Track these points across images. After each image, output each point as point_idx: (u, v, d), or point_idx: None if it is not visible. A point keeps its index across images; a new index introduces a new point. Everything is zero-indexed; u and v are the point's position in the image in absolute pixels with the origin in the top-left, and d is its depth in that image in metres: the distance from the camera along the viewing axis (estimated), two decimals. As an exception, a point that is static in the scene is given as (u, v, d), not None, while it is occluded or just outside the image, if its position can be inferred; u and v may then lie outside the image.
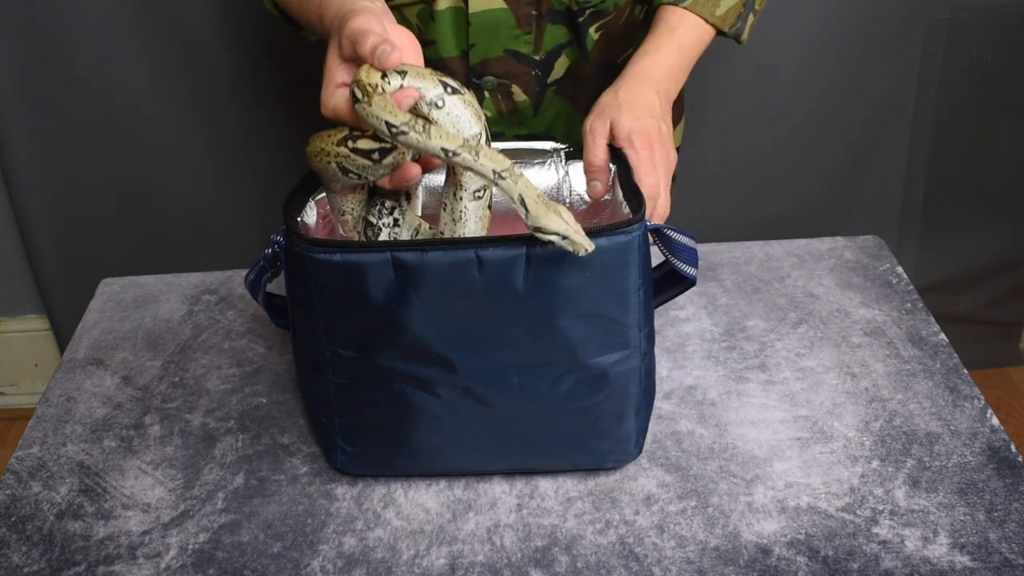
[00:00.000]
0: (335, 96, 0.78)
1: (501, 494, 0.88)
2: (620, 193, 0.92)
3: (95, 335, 1.11)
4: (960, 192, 1.95)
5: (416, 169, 0.80)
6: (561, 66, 1.10)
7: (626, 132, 0.92)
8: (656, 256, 0.88)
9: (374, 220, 0.83)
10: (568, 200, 0.96)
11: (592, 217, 0.96)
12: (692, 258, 0.87)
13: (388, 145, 0.76)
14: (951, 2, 1.73)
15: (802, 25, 1.73)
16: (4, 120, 1.74)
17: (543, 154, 0.95)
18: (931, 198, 1.95)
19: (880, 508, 0.84)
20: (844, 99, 1.80)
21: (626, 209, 0.87)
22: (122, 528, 0.86)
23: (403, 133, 0.73)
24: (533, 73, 1.09)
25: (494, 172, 0.74)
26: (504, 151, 0.94)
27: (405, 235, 0.85)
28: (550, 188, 0.95)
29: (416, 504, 0.87)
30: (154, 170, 1.83)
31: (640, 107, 0.94)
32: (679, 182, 1.84)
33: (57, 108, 1.75)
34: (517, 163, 0.94)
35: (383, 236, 0.84)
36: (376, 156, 0.76)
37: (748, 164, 1.86)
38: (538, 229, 0.72)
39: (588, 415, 0.83)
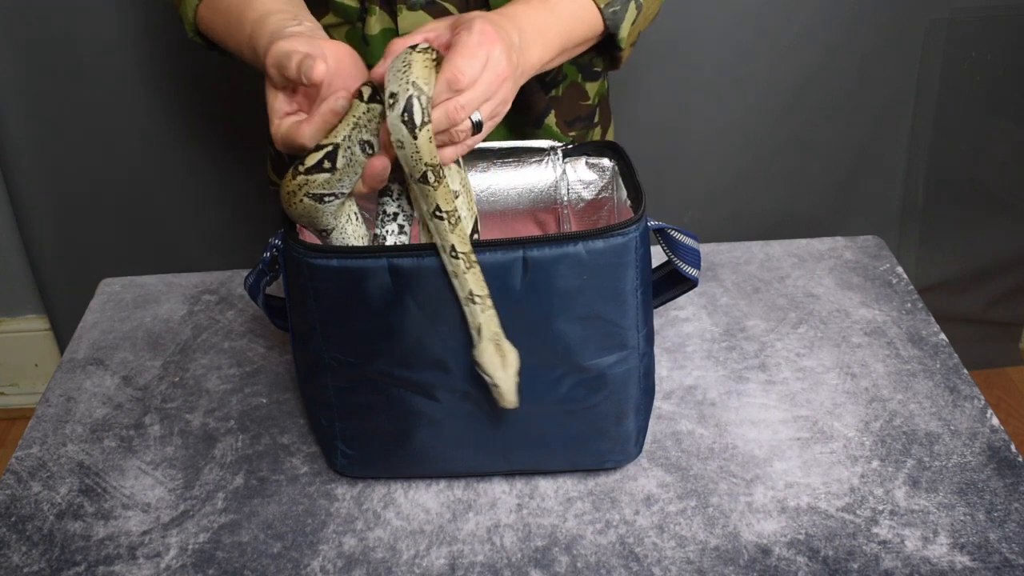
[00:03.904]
0: (283, 126, 0.76)
1: (501, 494, 0.88)
2: (621, 193, 0.91)
3: (95, 335, 1.11)
4: (960, 192, 1.95)
5: (382, 162, 0.76)
6: None
7: (471, 18, 0.77)
8: (658, 256, 0.88)
9: (378, 230, 0.83)
10: (566, 198, 0.96)
11: (592, 215, 0.96)
12: (694, 259, 0.87)
13: (330, 147, 0.75)
14: (951, 2, 1.73)
15: (802, 25, 1.73)
16: (4, 120, 1.74)
17: (540, 152, 0.95)
18: (931, 198, 1.95)
19: (880, 508, 0.84)
20: (844, 99, 1.80)
21: (629, 204, 0.87)
22: (122, 528, 0.86)
23: (440, 218, 0.74)
24: None
25: (470, 292, 0.75)
26: (503, 149, 0.94)
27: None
28: (547, 186, 0.95)
29: (416, 504, 0.87)
30: (154, 170, 1.83)
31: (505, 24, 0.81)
32: (678, 182, 1.85)
33: (57, 108, 1.75)
34: (515, 161, 0.95)
35: (389, 244, 0.81)
36: (327, 164, 0.75)
37: (748, 164, 1.86)
38: (477, 364, 0.76)
39: (587, 416, 0.83)
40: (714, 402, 0.97)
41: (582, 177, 0.95)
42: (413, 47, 0.72)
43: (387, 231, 0.82)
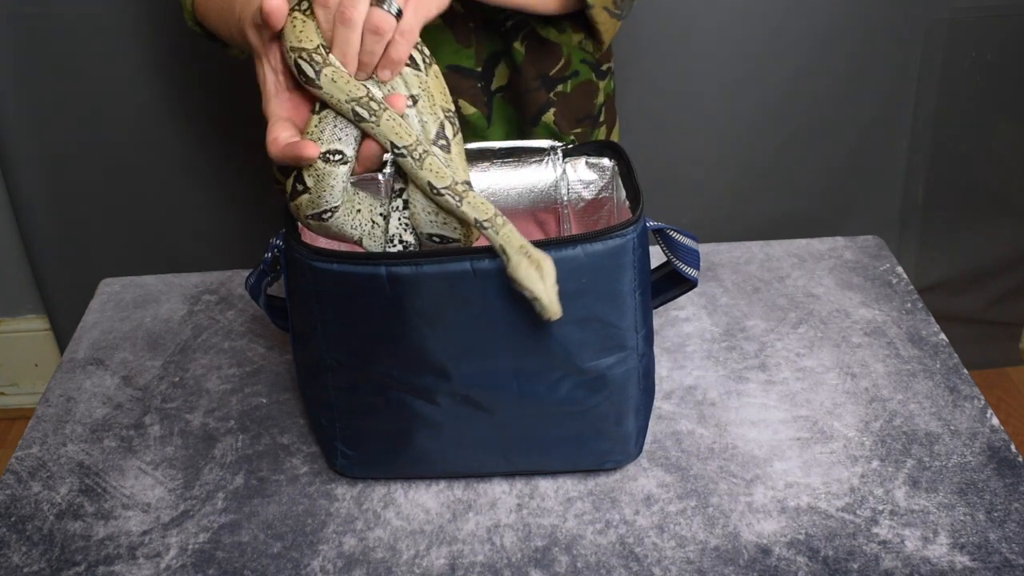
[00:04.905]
0: (268, 112, 0.75)
1: (501, 494, 0.88)
2: (621, 193, 0.92)
3: (95, 335, 1.11)
4: (960, 192, 1.95)
5: (373, 148, 0.76)
6: (502, 73, 1.08)
7: None
8: (658, 256, 0.88)
9: (386, 208, 0.82)
10: (566, 198, 0.96)
11: (592, 215, 0.96)
12: (694, 259, 0.87)
13: (294, 171, 0.75)
14: (951, 2, 1.73)
15: (802, 25, 1.73)
16: (4, 120, 1.74)
17: (540, 152, 0.95)
18: (931, 198, 1.95)
19: (880, 508, 0.84)
20: (844, 99, 1.80)
21: (628, 205, 0.87)
22: (122, 528, 0.86)
23: (402, 156, 0.73)
24: (478, 85, 1.08)
25: (476, 221, 0.73)
26: (503, 149, 0.94)
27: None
28: (547, 186, 0.95)
29: (416, 504, 0.87)
30: (154, 170, 1.83)
31: None
32: (678, 183, 1.85)
33: (57, 108, 1.75)
34: (515, 161, 0.95)
35: (392, 222, 0.80)
36: (300, 187, 0.75)
37: (748, 164, 1.86)
38: (513, 280, 0.72)
39: (587, 417, 0.83)
40: (714, 402, 0.97)
41: (582, 177, 0.95)
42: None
43: (393, 207, 0.81)
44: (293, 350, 0.89)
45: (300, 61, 0.72)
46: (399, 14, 0.73)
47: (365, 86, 0.73)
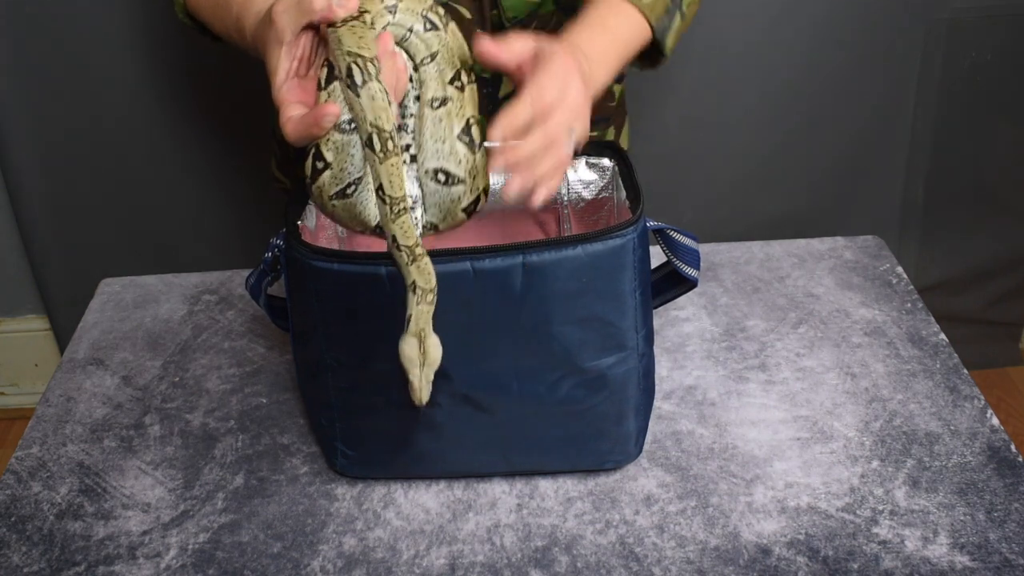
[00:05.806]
0: (280, 94, 0.74)
1: (501, 494, 0.88)
2: (621, 193, 0.92)
3: (95, 335, 1.11)
4: (960, 192, 1.95)
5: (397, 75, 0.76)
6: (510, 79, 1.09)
7: (549, 49, 0.78)
8: (658, 256, 0.88)
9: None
10: (566, 198, 0.96)
11: (592, 215, 0.96)
12: (694, 259, 0.87)
13: (312, 148, 0.75)
14: (951, 2, 1.73)
15: (802, 25, 1.73)
16: (4, 120, 1.74)
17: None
18: (931, 198, 1.95)
19: (880, 508, 0.84)
20: (844, 99, 1.80)
21: (628, 205, 0.87)
22: (122, 528, 0.86)
23: (382, 201, 0.73)
24: (485, 91, 1.08)
25: (412, 283, 0.73)
26: None
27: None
28: None
29: (416, 504, 0.87)
30: (154, 170, 1.83)
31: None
32: (678, 183, 1.85)
33: (57, 108, 1.75)
34: None
35: None
36: (320, 165, 0.75)
37: (748, 164, 1.86)
38: (399, 354, 0.74)
39: (587, 417, 0.83)
40: (714, 402, 0.97)
41: (582, 177, 0.95)
42: (332, 25, 0.73)
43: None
44: (293, 350, 0.89)
45: (354, 66, 0.71)
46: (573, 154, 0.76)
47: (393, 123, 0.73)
